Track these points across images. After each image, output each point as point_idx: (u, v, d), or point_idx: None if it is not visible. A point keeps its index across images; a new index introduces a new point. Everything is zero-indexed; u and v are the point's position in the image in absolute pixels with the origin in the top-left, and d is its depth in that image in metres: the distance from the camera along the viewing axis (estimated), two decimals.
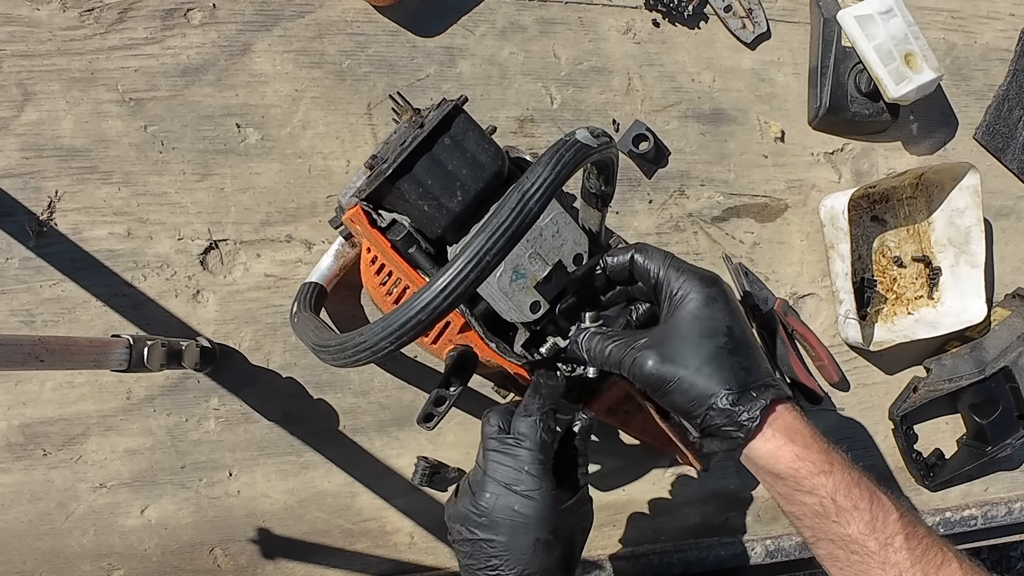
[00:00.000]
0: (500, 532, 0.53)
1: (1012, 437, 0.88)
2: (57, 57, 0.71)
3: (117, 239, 0.72)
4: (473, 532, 0.54)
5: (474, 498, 0.54)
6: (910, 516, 0.51)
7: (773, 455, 0.50)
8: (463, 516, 0.55)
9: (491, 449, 0.56)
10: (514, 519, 0.53)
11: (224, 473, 0.74)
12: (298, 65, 0.76)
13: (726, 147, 0.87)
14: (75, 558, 0.72)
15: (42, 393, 0.71)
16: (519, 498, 0.53)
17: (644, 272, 0.55)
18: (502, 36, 0.81)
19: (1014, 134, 0.94)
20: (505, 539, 0.53)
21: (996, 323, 0.90)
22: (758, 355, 0.52)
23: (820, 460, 0.50)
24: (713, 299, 0.52)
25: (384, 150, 0.64)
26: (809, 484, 0.50)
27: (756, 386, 0.50)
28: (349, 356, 0.48)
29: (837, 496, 0.49)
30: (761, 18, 0.87)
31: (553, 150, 0.46)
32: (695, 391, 0.50)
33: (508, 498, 0.53)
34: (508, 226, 0.44)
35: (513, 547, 0.53)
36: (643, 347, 0.52)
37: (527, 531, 0.53)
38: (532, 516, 0.53)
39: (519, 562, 0.53)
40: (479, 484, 0.55)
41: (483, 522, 0.54)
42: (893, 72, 0.83)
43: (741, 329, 0.52)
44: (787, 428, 0.50)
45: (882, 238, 0.91)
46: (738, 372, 0.50)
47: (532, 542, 0.53)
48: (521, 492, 0.53)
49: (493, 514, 0.53)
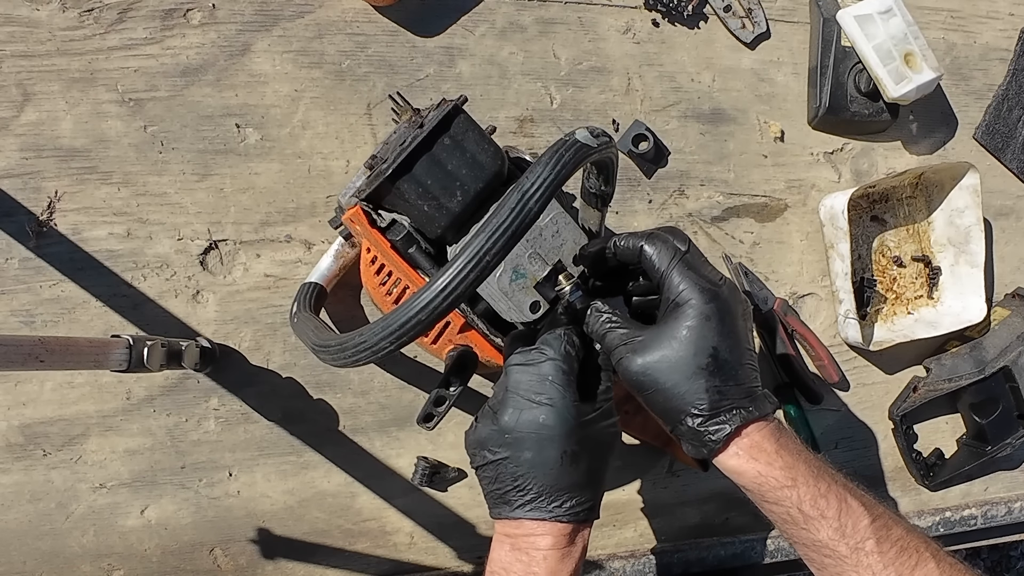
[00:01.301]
0: (525, 447, 0.52)
1: (1012, 437, 0.88)
2: (57, 57, 0.71)
3: (117, 239, 0.72)
4: (496, 452, 0.53)
5: (496, 416, 0.53)
6: (885, 519, 0.52)
7: (736, 471, 0.53)
8: (484, 438, 0.54)
9: (515, 363, 0.55)
10: (539, 432, 0.52)
11: (224, 473, 0.74)
12: (298, 65, 0.76)
13: (726, 147, 0.87)
14: (75, 558, 0.72)
15: (42, 393, 0.71)
16: (544, 408, 0.52)
17: (651, 265, 0.55)
18: (502, 36, 0.81)
19: (1014, 134, 0.94)
20: (531, 454, 0.52)
21: (996, 323, 0.90)
22: (742, 374, 0.53)
23: (783, 476, 0.52)
24: (707, 317, 0.52)
25: (384, 150, 0.64)
26: (773, 496, 0.52)
27: (727, 409, 0.52)
28: (349, 356, 0.48)
29: (803, 507, 0.51)
30: (761, 18, 0.87)
31: (553, 150, 0.46)
32: (669, 405, 0.52)
33: (532, 411, 0.52)
34: (508, 226, 0.44)
35: (539, 462, 0.52)
36: (632, 348, 0.53)
37: (553, 443, 0.52)
38: (558, 426, 0.52)
39: (547, 476, 0.52)
40: (501, 403, 0.54)
41: (507, 440, 0.53)
42: (893, 72, 0.83)
43: (729, 348, 0.52)
44: (751, 446, 0.52)
45: (882, 238, 0.91)
46: (712, 395, 0.51)
47: (559, 455, 0.52)
48: (545, 402, 0.52)
49: (517, 429, 0.52)
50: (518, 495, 0.53)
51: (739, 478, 0.53)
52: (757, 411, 0.52)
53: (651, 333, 0.53)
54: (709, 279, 0.54)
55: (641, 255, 0.55)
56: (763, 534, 0.87)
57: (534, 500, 0.53)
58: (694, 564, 0.84)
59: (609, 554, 0.82)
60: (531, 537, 0.53)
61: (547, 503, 0.52)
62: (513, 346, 0.57)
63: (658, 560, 0.83)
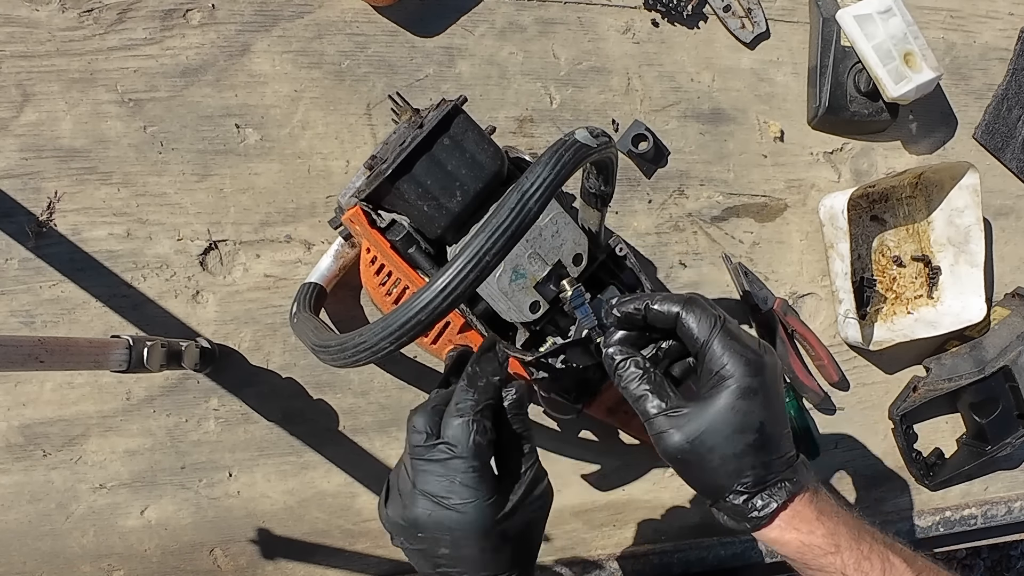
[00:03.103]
0: (441, 545, 0.49)
1: (1012, 436, 0.88)
2: (56, 58, 0.71)
3: (116, 240, 0.72)
4: (412, 543, 0.50)
5: (405, 512, 0.49)
6: (928, 573, 0.52)
7: (778, 541, 0.52)
8: (396, 528, 0.51)
9: (418, 458, 0.49)
10: (453, 534, 0.48)
11: (224, 474, 0.74)
12: (297, 65, 0.76)
13: (725, 147, 0.87)
14: (75, 559, 0.72)
15: (42, 394, 0.71)
16: (453, 514, 0.48)
17: (689, 335, 0.52)
18: (501, 36, 0.81)
19: (1013, 133, 0.94)
20: (448, 551, 0.49)
21: (996, 322, 0.90)
22: (784, 444, 0.52)
23: (825, 543, 0.51)
24: (754, 391, 0.50)
25: (383, 150, 0.64)
26: (817, 564, 0.52)
27: (772, 483, 0.51)
28: (349, 356, 0.48)
29: (847, 571, 0.51)
30: (760, 18, 0.87)
31: (552, 150, 0.46)
32: (712, 481, 0.51)
33: (441, 513, 0.48)
34: (507, 226, 0.44)
35: (458, 557, 0.49)
36: (674, 423, 0.51)
37: (469, 542, 0.48)
38: (471, 531, 0.48)
39: (470, 568, 0.49)
40: (409, 496, 0.49)
41: (420, 536, 0.49)
42: (892, 71, 0.83)
43: (773, 420, 0.51)
44: (792, 516, 0.51)
45: (881, 237, 0.91)
46: (758, 471, 0.50)
47: (478, 551, 0.49)
48: (455, 507, 0.48)
49: (428, 529, 0.49)
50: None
51: (782, 548, 0.52)
52: (801, 481, 0.52)
53: (696, 409, 0.51)
54: (752, 349, 0.52)
55: (679, 323, 0.53)
56: None
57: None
58: (694, 564, 0.84)
59: (609, 554, 0.82)
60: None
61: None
62: (416, 429, 0.50)
63: (658, 560, 0.83)
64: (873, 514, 0.91)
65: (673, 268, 0.85)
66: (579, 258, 0.63)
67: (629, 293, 0.68)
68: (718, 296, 0.86)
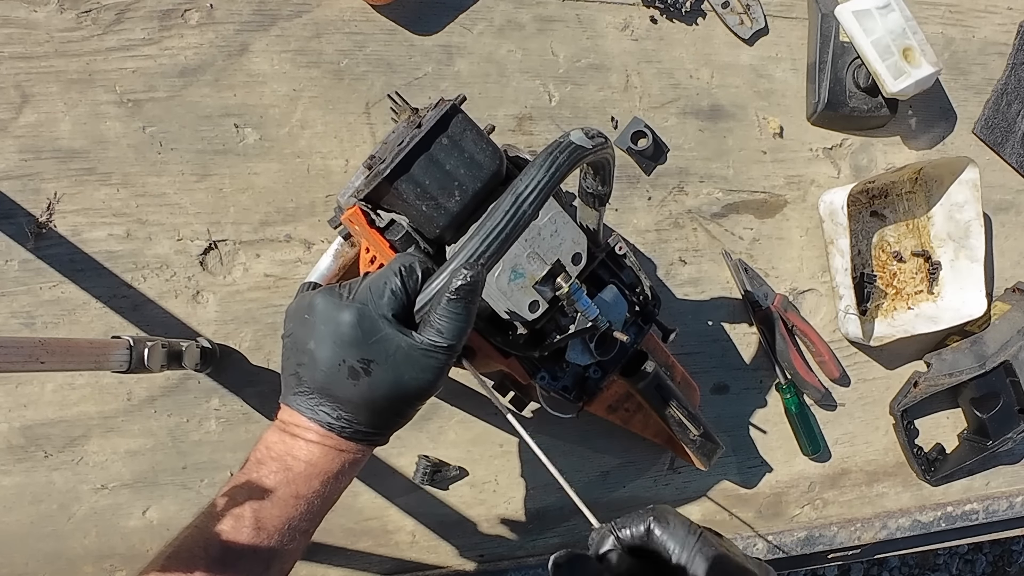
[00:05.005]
0: (312, 337, 0.49)
1: (1013, 431, 0.88)
2: (55, 59, 0.71)
3: (116, 240, 0.72)
4: (288, 328, 0.52)
5: (314, 295, 0.51)
6: None
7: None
8: (293, 307, 0.53)
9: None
10: (329, 326, 0.49)
11: (226, 473, 0.74)
12: (296, 65, 0.76)
13: (725, 143, 0.86)
14: (77, 559, 0.72)
15: (43, 395, 0.71)
16: (350, 307, 0.49)
17: (663, 548, 0.48)
18: (500, 34, 0.81)
19: (1013, 128, 0.94)
20: (313, 346, 0.49)
21: (996, 317, 0.90)
22: None
23: None
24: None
25: (382, 150, 0.64)
26: None
27: None
28: None
29: None
30: (759, 14, 0.87)
31: (547, 152, 0.46)
32: None
33: (337, 306, 0.49)
34: (502, 228, 0.44)
35: (318, 358, 0.49)
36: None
37: (340, 346, 0.48)
38: (348, 330, 0.48)
39: (323, 377, 0.49)
40: (336, 284, 0.52)
41: (305, 319, 0.50)
42: (891, 67, 0.83)
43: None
44: None
45: (881, 233, 0.91)
46: None
47: (338, 362, 0.48)
48: (356, 302, 0.49)
49: (315, 314, 0.49)
50: (296, 383, 0.51)
51: None
52: None
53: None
54: (735, 567, 0.47)
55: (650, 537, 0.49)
56: (765, 530, 0.87)
57: (306, 395, 0.50)
58: None
59: None
60: (298, 428, 0.51)
61: (315, 403, 0.50)
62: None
63: None
64: (875, 510, 0.91)
65: (673, 265, 0.85)
66: (578, 257, 0.62)
67: (629, 292, 0.68)
68: (718, 293, 0.86)
